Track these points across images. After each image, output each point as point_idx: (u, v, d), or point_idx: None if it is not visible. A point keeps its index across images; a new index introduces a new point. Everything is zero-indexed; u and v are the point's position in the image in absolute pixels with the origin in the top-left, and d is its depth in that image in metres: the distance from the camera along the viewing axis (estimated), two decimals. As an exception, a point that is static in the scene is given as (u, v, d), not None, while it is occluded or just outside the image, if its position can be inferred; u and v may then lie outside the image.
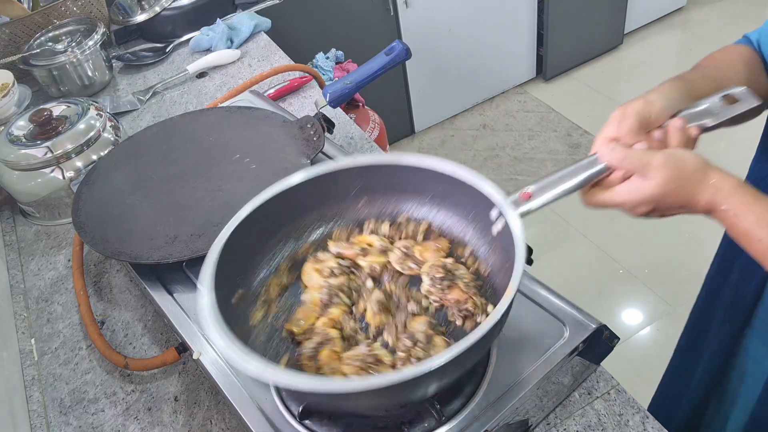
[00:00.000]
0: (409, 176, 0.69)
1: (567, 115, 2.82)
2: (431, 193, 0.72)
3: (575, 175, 0.60)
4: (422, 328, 0.62)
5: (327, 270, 0.68)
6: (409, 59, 0.93)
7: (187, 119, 1.04)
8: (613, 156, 0.59)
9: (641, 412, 0.68)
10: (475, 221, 0.69)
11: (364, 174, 0.71)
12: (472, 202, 0.66)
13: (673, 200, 0.57)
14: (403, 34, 2.45)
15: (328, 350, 0.61)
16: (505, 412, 0.61)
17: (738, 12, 3.20)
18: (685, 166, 0.57)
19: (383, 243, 0.70)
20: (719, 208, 0.56)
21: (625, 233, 2.26)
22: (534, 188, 0.61)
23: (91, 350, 0.90)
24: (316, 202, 0.73)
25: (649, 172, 0.57)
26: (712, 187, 0.56)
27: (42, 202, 1.11)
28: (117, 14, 1.58)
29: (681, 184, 0.57)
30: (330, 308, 0.65)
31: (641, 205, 0.58)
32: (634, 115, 0.60)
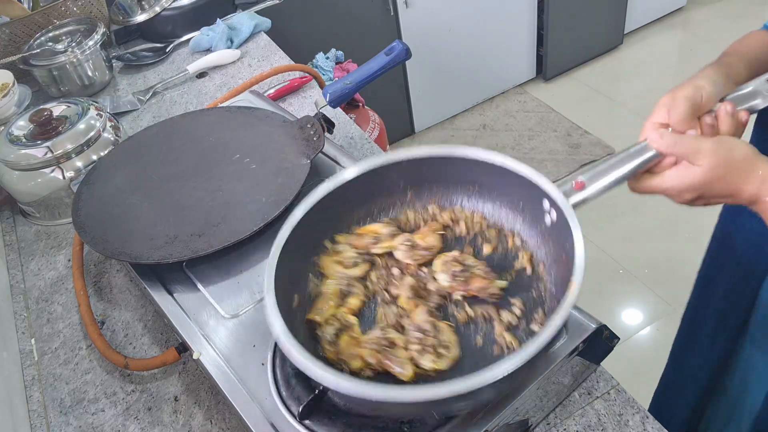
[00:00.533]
0: (456, 168, 0.69)
1: (567, 115, 2.82)
2: (478, 184, 0.71)
3: (626, 162, 0.60)
4: (423, 317, 0.63)
5: (349, 261, 0.69)
6: (409, 59, 0.93)
7: (187, 119, 1.04)
8: (663, 142, 0.58)
9: (641, 412, 0.68)
10: (524, 212, 0.69)
11: (411, 167, 0.71)
12: (520, 192, 0.66)
13: (720, 188, 0.57)
14: (403, 34, 2.45)
15: (348, 336, 0.63)
16: (505, 412, 0.61)
17: (738, 12, 3.20)
18: (734, 153, 0.56)
19: (391, 229, 0.71)
20: (763, 198, 0.56)
21: (625, 233, 2.26)
22: (586, 177, 0.60)
23: (91, 350, 0.90)
24: (365, 197, 0.73)
25: (698, 158, 0.56)
26: (759, 177, 0.56)
27: (42, 202, 1.11)
28: (117, 14, 1.58)
29: (729, 171, 0.56)
30: (348, 298, 0.67)
31: (688, 191, 0.58)
32: (684, 100, 0.60)
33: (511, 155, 0.65)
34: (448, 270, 0.65)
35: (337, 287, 0.68)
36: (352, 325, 0.64)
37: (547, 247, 0.66)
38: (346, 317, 0.65)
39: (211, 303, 0.76)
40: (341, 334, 0.63)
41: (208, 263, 0.80)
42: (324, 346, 0.63)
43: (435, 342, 0.60)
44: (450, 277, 0.65)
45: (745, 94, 0.63)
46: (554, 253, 0.64)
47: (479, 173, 0.68)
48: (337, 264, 0.70)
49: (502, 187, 0.69)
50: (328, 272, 0.70)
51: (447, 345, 0.61)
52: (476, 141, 2.77)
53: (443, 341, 0.61)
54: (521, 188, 0.64)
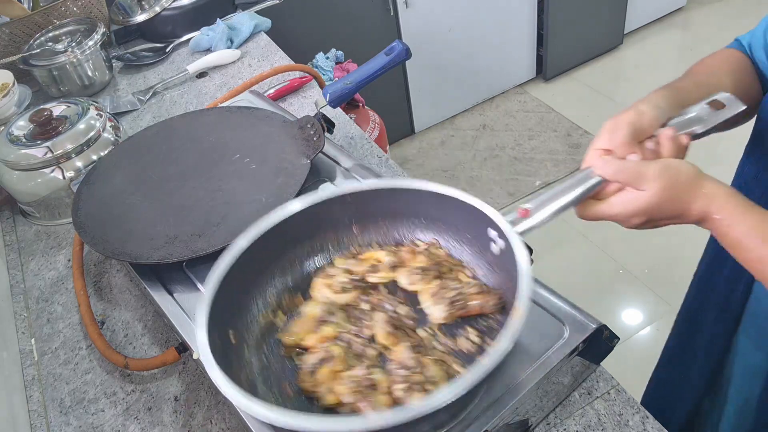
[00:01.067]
0: (401, 199, 0.69)
1: (567, 115, 2.82)
2: (424, 216, 0.71)
3: (571, 190, 0.61)
4: (407, 354, 0.60)
5: (338, 285, 0.67)
6: (409, 59, 0.93)
7: (187, 119, 1.04)
8: (607, 169, 0.59)
9: (641, 412, 0.68)
10: (471, 243, 0.69)
11: (356, 201, 0.70)
12: (467, 222, 0.65)
13: (667, 210, 0.58)
14: (403, 34, 2.45)
15: (328, 369, 0.60)
16: (505, 412, 0.61)
17: (738, 12, 3.20)
18: (679, 176, 0.57)
19: (392, 258, 0.69)
20: (712, 216, 0.57)
21: (625, 233, 2.24)
22: (531, 205, 0.61)
23: (91, 350, 0.90)
24: (307, 233, 0.71)
25: (643, 183, 0.57)
26: (706, 196, 0.57)
27: (42, 202, 1.11)
28: (117, 14, 1.58)
29: (675, 193, 0.57)
30: (323, 326, 0.64)
31: (635, 216, 0.59)
32: (626, 126, 0.60)
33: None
34: (442, 300, 0.63)
35: (315, 312, 0.66)
36: (334, 357, 0.61)
37: (494, 276, 0.66)
38: (331, 348, 0.62)
39: (211, 303, 0.76)
40: (321, 367, 0.60)
41: (208, 263, 0.79)
42: (301, 375, 0.61)
43: (422, 378, 0.57)
44: (447, 307, 0.63)
45: (686, 119, 0.64)
46: (501, 281, 0.64)
47: (425, 205, 0.68)
48: (326, 287, 0.68)
49: (449, 218, 0.68)
50: (315, 294, 0.68)
51: (434, 381, 0.58)
52: (476, 141, 2.78)
53: (430, 377, 0.58)
54: (467, 218, 0.64)
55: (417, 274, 0.66)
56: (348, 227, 0.73)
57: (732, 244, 0.57)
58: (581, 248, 2.25)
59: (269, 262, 0.70)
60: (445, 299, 0.63)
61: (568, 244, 2.27)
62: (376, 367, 0.60)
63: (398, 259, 0.69)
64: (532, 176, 2.56)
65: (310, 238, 0.72)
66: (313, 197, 0.69)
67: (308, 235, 0.72)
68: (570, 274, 2.17)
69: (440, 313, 0.63)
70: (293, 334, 0.65)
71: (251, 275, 0.68)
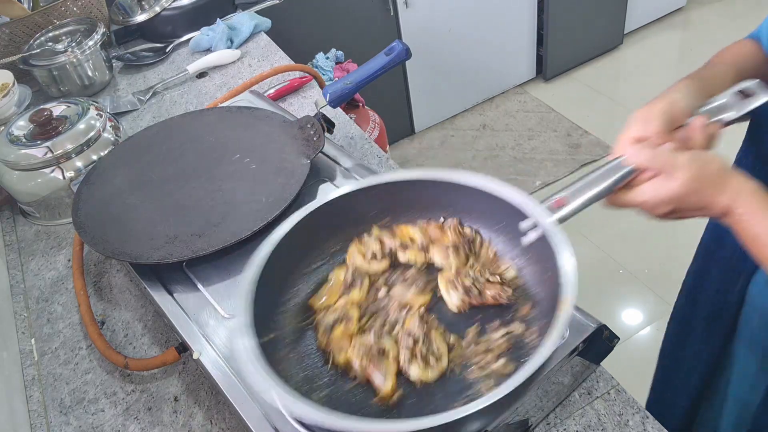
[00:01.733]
0: (432, 191, 0.69)
1: (567, 115, 2.82)
2: (454, 207, 0.71)
3: (605, 179, 0.61)
4: (416, 323, 0.62)
5: (370, 252, 0.69)
6: (409, 59, 0.93)
7: (187, 119, 1.04)
8: (640, 157, 0.59)
9: (641, 412, 0.68)
10: (505, 232, 0.69)
11: (385, 192, 0.71)
12: (500, 213, 0.66)
13: (695, 201, 0.58)
14: (403, 34, 2.45)
15: (342, 328, 0.63)
16: (505, 412, 0.61)
17: (738, 12, 3.20)
18: (709, 167, 0.58)
19: (425, 239, 0.70)
20: (735, 210, 0.57)
21: (625, 233, 2.26)
22: (566, 194, 0.61)
23: (91, 350, 0.90)
24: (340, 224, 0.72)
25: (675, 171, 0.57)
26: (732, 190, 0.57)
27: (42, 202, 1.11)
28: (117, 14, 1.58)
29: (704, 184, 0.57)
30: (352, 289, 0.67)
31: (663, 204, 0.59)
32: (659, 115, 0.61)
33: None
34: (458, 287, 0.64)
35: (342, 277, 0.68)
36: (351, 318, 0.64)
37: (531, 266, 0.66)
38: (348, 310, 0.65)
39: (211, 303, 0.76)
40: (338, 325, 0.63)
41: (208, 263, 0.80)
42: (318, 332, 0.63)
43: (425, 351, 0.59)
44: (462, 294, 0.64)
45: (716, 107, 0.64)
46: (538, 271, 0.65)
47: (457, 196, 0.68)
48: (359, 253, 0.70)
49: (480, 209, 0.69)
50: (349, 258, 0.70)
51: (437, 355, 0.60)
52: (476, 141, 2.77)
53: (434, 350, 0.60)
54: (500, 209, 0.65)
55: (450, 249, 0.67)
56: (380, 218, 0.74)
57: (752, 240, 0.57)
58: (581, 248, 2.25)
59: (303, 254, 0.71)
60: (461, 287, 0.64)
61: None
62: (388, 335, 0.62)
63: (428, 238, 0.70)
64: (532, 176, 2.56)
65: (342, 228, 0.73)
66: (345, 189, 0.69)
67: (341, 226, 0.73)
68: (570, 274, 2.17)
69: (456, 301, 0.64)
70: (321, 298, 0.67)
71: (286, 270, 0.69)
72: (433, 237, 0.70)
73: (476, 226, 0.71)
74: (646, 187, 0.59)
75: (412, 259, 0.69)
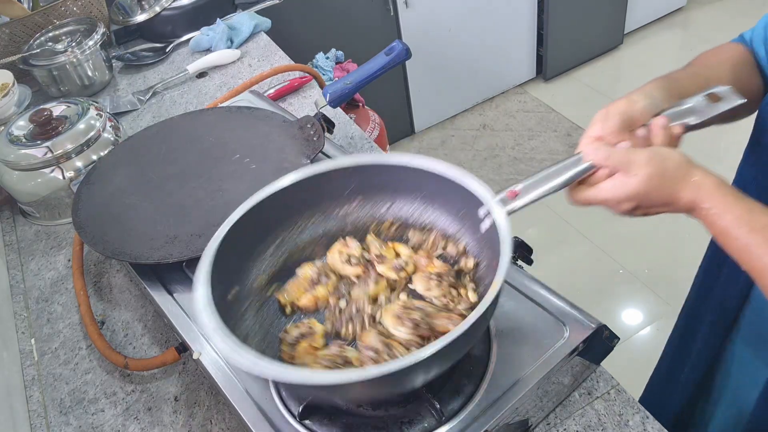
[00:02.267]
0: (401, 175, 0.70)
1: (567, 115, 2.82)
2: (423, 192, 0.72)
3: (561, 174, 0.62)
4: (374, 337, 0.62)
5: (346, 255, 0.70)
6: (409, 59, 0.93)
7: (187, 119, 1.04)
8: (596, 155, 0.60)
9: (641, 412, 0.68)
10: (465, 219, 0.70)
11: (357, 173, 0.72)
12: (461, 199, 0.67)
13: (656, 197, 0.58)
14: (403, 34, 2.45)
15: (307, 343, 0.64)
16: (505, 412, 0.61)
17: (738, 12, 3.20)
18: (668, 163, 0.58)
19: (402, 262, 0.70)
20: (701, 205, 0.57)
21: (625, 233, 2.26)
22: (521, 186, 0.62)
23: (91, 350, 0.90)
24: (311, 201, 0.74)
25: (632, 169, 0.58)
26: (695, 184, 0.57)
27: (42, 202, 1.11)
28: (117, 14, 1.58)
29: (664, 181, 0.57)
30: (317, 286, 0.69)
31: (625, 201, 0.59)
32: (617, 114, 0.61)
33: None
34: (403, 321, 0.62)
35: (309, 274, 0.70)
36: (314, 334, 0.65)
37: (484, 253, 0.68)
38: (313, 325, 0.66)
39: (211, 303, 0.76)
40: (301, 340, 0.64)
41: (208, 263, 0.80)
42: (283, 347, 0.64)
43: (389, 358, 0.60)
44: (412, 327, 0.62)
45: (680, 110, 0.64)
46: (489, 258, 0.66)
47: (425, 181, 0.69)
48: (338, 253, 0.71)
49: (445, 194, 0.70)
50: (329, 256, 0.72)
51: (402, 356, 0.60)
52: (476, 141, 2.77)
53: (397, 356, 0.60)
54: (462, 196, 0.66)
55: (433, 280, 0.67)
56: (349, 199, 0.75)
57: (719, 234, 0.57)
58: (581, 248, 2.25)
59: (271, 228, 0.73)
60: (406, 321, 0.63)
61: (568, 244, 2.27)
62: (349, 346, 0.64)
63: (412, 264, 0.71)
64: (532, 176, 2.56)
65: (311, 207, 0.74)
66: (314, 168, 0.71)
67: (310, 205, 0.74)
68: (570, 274, 2.17)
69: (404, 336, 0.62)
70: (288, 293, 0.69)
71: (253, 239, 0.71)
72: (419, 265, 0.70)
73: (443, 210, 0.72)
74: (605, 184, 0.60)
75: (384, 273, 0.70)
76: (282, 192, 0.70)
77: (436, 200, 0.72)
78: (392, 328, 0.63)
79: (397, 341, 0.62)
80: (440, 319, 0.62)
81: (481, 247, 0.69)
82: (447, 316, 0.63)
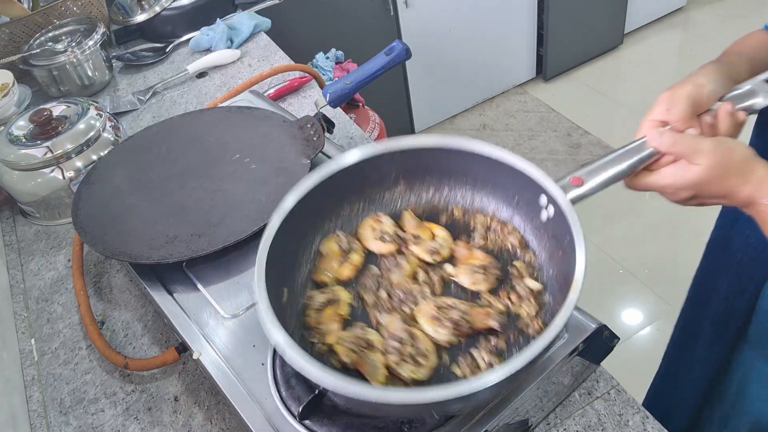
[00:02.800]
0: (451, 160, 0.68)
1: (567, 115, 2.82)
2: (473, 177, 0.70)
3: (624, 160, 0.60)
4: (398, 325, 0.61)
5: (379, 232, 0.69)
6: (409, 59, 0.93)
7: (187, 119, 1.04)
8: (662, 141, 0.58)
9: (641, 412, 0.68)
10: (518, 206, 0.67)
11: (403, 158, 0.69)
12: (515, 186, 0.64)
13: (716, 188, 0.57)
14: (403, 34, 2.45)
15: (332, 311, 0.63)
16: (505, 412, 0.61)
17: (738, 12, 3.20)
18: (733, 154, 0.56)
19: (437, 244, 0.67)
20: (759, 201, 0.56)
21: (625, 233, 2.26)
22: (584, 173, 0.60)
23: (91, 350, 0.90)
24: (355, 187, 0.71)
25: (697, 157, 0.56)
26: (757, 179, 0.56)
27: (42, 202, 1.11)
28: (117, 14, 1.58)
29: (727, 172, 0.56)
30: (350, 254, 0.68)
31: (684, 189, 0.58)
32: (684, 99, 0.59)
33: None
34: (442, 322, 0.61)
35: (335, 248, 0.68)
36: (340, 300, 0.64)
37: (542, 243, 0.65)
38: (339, 292, 0.65)
39: (211, 303, 0.76)
40: (327, 307, 0.63)
41: (208, 263, 0.80)
42: (309, 312, 0.63)
43: (413, 351, 0.59)
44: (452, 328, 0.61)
45: (743, 92, 0.62)
46: (549, 248, 0.64)
47: (474, 166, 0.67)
48: (370, 229, 0.69)
49: (497, 181, 0.67)
50: (361, 232, 0.70)
51: (425, 353, 0.59)
52: (476, 141, 2.77)
53: (421, 350, 0.59)
54: (517, 183, 0.63)
55: (479, 273, 0.65)
56: (395, 183, 0.72)
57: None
58: (581, 248, 2.25)
59: (318, 218, 0.70)
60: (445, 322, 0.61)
61: (568, 244, 2.27)
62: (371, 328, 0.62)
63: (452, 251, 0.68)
64: (532, 176, 2.56)
65: (357, 192, 0.72)
66: (363, 151, 0.67)
67: (355, 190, 0.72)
68: (570, 274, 2.17)
69: (444, 337, 0.61)
70: (327, 271, 0.67)
71: (302, 231, 0.68)
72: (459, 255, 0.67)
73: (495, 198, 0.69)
74: (667, 171, 0.58)
75: (419, 254, 0.68)
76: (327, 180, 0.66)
77: (487, 186, 0.69)
78: (432, 331, 0.61)
79: (420, 330, 0.61)
80: (478, 315, 0.61)
81: (539, 236, 0.65)
82: (484, 312, 0.61)
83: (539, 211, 0.63)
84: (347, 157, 0.67)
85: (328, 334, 0.62)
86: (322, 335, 0.62)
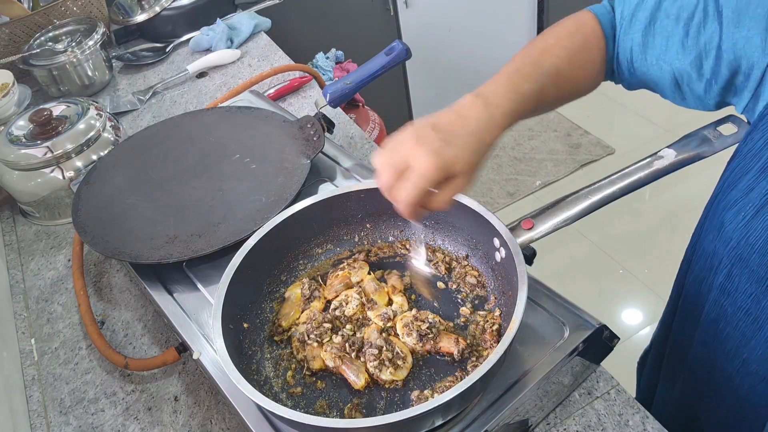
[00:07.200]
0: None
1: (567, 115, 2.82)
2: (435, 219, 0.75)
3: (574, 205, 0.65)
4: (375, 335, 0.67)
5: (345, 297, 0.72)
6: (409, 59, 0.93)
7: (187, 119, 1.04)
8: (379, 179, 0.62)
9: (641, 412, 0.68)
10: (477, 247, 0.73)
11: (368, 197, 0.74)
12: (474, 227, 0.70)
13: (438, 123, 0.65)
14: (403, 34, 2.45)
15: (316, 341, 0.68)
16: (505, 412, 0.61)
17: (738, 12, 3.20)
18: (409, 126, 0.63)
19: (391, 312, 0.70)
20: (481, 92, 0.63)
21: (625, 233, 2.26)
22: (535, 216, 0.65)
23: (91, 350, 0.90)
24: (321, 227, 0.77)
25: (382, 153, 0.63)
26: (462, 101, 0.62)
27: (42, 202, 1.11)
28: (117, 14, 1.58)
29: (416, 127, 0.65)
30: (312, 302, 0.72)
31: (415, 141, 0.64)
32: None
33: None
34: (412, 331, 0.66)
35: (299, 292, 0.73)
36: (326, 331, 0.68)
37: (497, 282, 0.70)
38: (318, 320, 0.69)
39: (211, 303, 0.76)
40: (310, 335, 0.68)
41: (208, 263, 0.80)
42: (294, 342, 0.69)
43: (391, 356, 0.64)
44: (417, 338, 0.66)
45: None
46: (502, 287, 0.68)
47: None
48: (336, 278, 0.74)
49: (458, 222, 0.73)
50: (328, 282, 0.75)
51: (402, 356, 0.65)
52: (476, 141, 2.77)
53: (398, 353, 0.64)
54: (475, 224, 0.69)
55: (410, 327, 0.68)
56: (361, 223, 0.78)
57: None
58: (581, 248, 2.25)
59: (282, 255, 0.76)
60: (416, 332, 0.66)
61: (568, 244, 2.27)
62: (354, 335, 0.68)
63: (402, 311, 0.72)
64: (532, 176, 2.56)
65: (323, 232, 0.78)
66: (326, 192, 0.74)
67: (321, 230, 0.77)
68: (570, 274, 2.17)
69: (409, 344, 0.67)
70: (287, 317, 0.71)
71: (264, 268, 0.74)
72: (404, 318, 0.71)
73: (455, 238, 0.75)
74: None
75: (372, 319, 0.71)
76: (290, 219, 0.72)
77: (449, 226, 0.75)
78: (402, 335, 0.67)
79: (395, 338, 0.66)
80: (446, 340, 0.65)
81: (494, 275, 0.71)
82: (454, 338, 0.65)
83: (494, 253, 0.68)
84: (314, 197, 0.74)
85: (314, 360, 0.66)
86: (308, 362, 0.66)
